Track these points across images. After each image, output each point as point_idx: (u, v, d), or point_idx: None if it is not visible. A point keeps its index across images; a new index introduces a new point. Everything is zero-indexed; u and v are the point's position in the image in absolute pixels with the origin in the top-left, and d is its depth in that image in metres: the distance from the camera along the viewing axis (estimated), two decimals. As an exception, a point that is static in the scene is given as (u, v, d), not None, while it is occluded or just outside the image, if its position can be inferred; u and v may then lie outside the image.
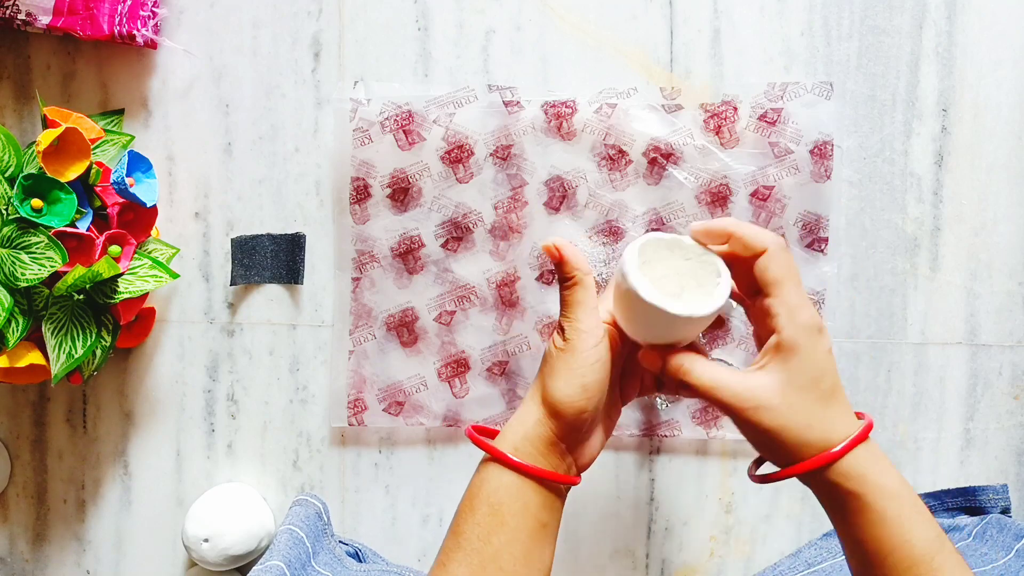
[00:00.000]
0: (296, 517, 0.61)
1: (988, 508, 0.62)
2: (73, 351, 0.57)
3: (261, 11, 0.65)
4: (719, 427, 0.64)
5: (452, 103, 0.63)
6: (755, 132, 0.63)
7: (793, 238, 0.63)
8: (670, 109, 0.63)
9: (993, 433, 0.65)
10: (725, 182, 0.63)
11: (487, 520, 0.45)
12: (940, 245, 0.64)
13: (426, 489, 0.66)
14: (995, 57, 0.63)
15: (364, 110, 0.63)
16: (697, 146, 0.63)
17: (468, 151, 0.63)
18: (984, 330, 0.65)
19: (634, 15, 0.64)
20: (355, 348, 0.65)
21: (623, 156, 0.63)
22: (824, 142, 0.63)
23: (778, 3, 0.63)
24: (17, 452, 0.68)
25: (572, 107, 0.63)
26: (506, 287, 0.64)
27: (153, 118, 0.65)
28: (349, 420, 0.65)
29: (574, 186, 0.63)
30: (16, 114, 0.66)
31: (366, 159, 0.63)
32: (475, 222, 0.64)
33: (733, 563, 0.66)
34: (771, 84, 0.63)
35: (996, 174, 0.64)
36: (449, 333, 0.65)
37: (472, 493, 0.47)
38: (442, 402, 0.65)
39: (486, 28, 0.64)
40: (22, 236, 0.55)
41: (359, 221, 0.64)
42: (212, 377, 0.67)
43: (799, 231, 0.63)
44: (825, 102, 0.63)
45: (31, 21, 0.61)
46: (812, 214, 0.63)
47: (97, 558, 0.68)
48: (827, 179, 0.63)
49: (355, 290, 0.65)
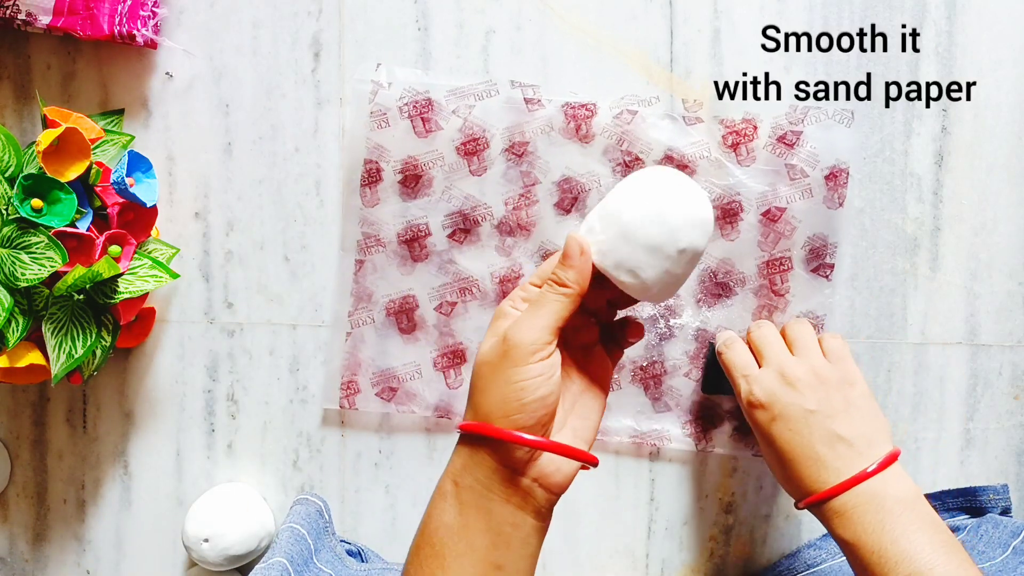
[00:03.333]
0: (297, 515, 0.61)
1: (988, 508, 0.62)
2: (73, 351, 0.57)
3: (261, 11, 0.65)
4: (708, 440, 0.64)
5: (473, 95, 0.63)
6: (772, 152, 0.62)
7: (799, 260, 0.63)
8: (689, 121, 0.63)
9: (993, 433, 0.65)
10: (737, 199, 0.63)
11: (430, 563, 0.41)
12: (940, 245, 0.64)
13: (426, 489, 0.66)
14: (995, 57, 0.63)
15: (384, 94, 0.63)
16: (712, 160, 0.63)
17: (483, 144, 0.63)
18: (984, 330, 0.65)
19: (634, 15, 0.64)
20: (352, 330, 0.65)
21: (638, 163, 0.63)
22: (840, 169, 0.62)
23: (778, 3, 0.63)
24: (17, 452, 0.68)
25: (592, 110, 0.63)
26: (509, 283, 0.64)
27: (153, 118, 0.65)
28: (341, 402, 0.65)
29: (586, 189, 0.63)
30: (16, 114, 0.66)
31: (380, 142, 0.63)
32: (484, 216, 0.64)
33: (733, 563, 0.66)
34: (792, 106, 0.63)
35: (996, 174, 0.64)
36: (448, 324, 0.65)
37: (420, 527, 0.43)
38: (435, 392, 0.65)
39: (486, 28, 0.64)
40: (22, 236, 0.55)
41: (368, 204, 0.64)
42: (212, 377, 0.67)
43: (806, 254, 0.63)
44: (844, 128, 0.63)
45: (31, 21, 0.61)
46: (820, 239, 0.63)
47: (97, 558, 0.68)
48: (839, 206, 0.63)
49: (357, 272, 0.65)
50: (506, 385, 0.40)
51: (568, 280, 0.42)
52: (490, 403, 0.41)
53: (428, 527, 0.42)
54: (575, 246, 0.43)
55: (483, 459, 0.41)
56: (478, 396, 0.42)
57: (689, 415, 0.64)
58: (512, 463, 0.41)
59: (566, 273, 0.43)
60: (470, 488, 0.41)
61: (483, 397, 0.41)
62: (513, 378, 0.40)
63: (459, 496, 0.41)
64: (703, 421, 0.64)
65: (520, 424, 0.40)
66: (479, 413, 0.42)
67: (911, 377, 0.65)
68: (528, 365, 0.40)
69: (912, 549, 0.46)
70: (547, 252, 0.64)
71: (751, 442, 0.65)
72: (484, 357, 0.42)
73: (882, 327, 0.65)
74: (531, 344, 0.40)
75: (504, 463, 0.41)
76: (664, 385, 0.64)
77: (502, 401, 0.40)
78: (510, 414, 0.40)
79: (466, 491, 0.41)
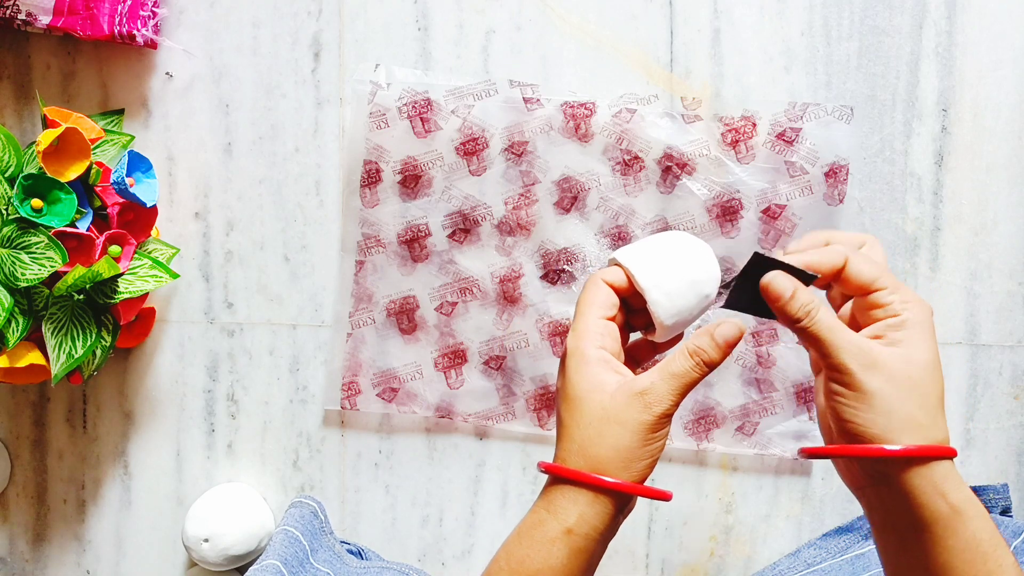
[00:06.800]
0: (291, 518, 0.61)
1: (989, 508, 0.62)
2: (73, 351, 0.56)
3: (261, 11, 0.65)
4: (710, 440, 0.64)
5: (472, 95, 0.63)
6: (771, 150, 0.62)
7: None
8: (688, 119, 0.63)
9: (993, 433, 0.65)
10: (737, 196, 0.63)
11: None
12: (940, 245, 0.64)
13: (426, 489, 0.66)
14: (995, 57, 0.63)
15: (383, 94, 0.63)
16: (712, 158, 0.63)
17: (483, 144, 0.63)
18: (984, 330, 0.65)
19: (634, 15, 0.64)
20: (353, 331, 0.65)
21: (637, 162, 0.63)
22: (840, 165, 0.62)
23: (778, 3, 0.63)
24: (17, 452, 0.68)
25: (591, 109, 0.63)
26: (509, 283, 0.64)
27: (153, 118, 0.65)
28: (342, 403, 0.65)
29: (586, 188, 0.63)
30: (16, 114, 0.66)
31: (380, 143, 0.64)
32: (483, 216, 0.64)
33: (733, 563, 0.66)
34: (791, 104, 0.63)
35: (996, 174, 0.64)
36: (449, 324, 0.65)
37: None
38: (436, 392, 0.65)
39: (486, 28, 0.64)
40: (22, 236, 0.55)
41: (368, 205, 0.64)
42: (212, 377, 0.67)
43: None
44: (844, 125, 0.63)
45: (31, 21, 0.61)
46: None
47: (97, 558, 0.68)
48: (839, 203, 0.63)
49: (358, 272, 0.65)
50: (643, 445, 0.42)
51: (714, 362, 0.43)
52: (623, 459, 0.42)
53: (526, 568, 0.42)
54: (735, 332, 0.43)
55: (605, 510, 0.42)
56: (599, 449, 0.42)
57: (690, 415, 0.64)
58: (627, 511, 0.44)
59: (715, 355, 0.43)
60: (586, 536, 0.42)
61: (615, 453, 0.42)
62: (651, 440, 0.42)
63: (571, 543, 0.42)
64: (703, 421, 0.64)
65: (644, 475, 0.43)
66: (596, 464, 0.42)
67: (911, 377, 0.65)
68: (664, 429, 0.43)
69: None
70: (547, 251, 0.64)
71: (751, 442, 0.65)
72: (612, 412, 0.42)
73: (882, 327, 0.65)
74: (668, 409, 0.42)
75: (621, 511, 0.43)
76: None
77: (635, 458, 0.42)
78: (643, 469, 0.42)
79: (581, 539, 0.42)
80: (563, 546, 0.42)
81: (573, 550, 0.42)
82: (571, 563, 0.42)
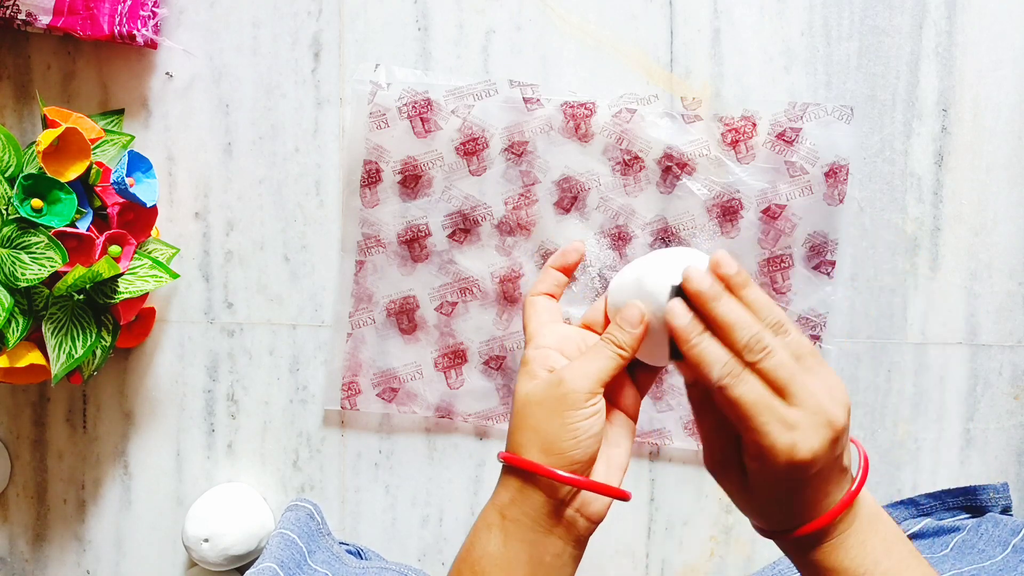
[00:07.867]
0: (287, 521, 0.61)
1: (989, 507, 0.62)
2: (73, 351, 0.56)
3: (261, 11, 0.65)
4: None
5: (472, 95, 0.63)
6: (771, 150, 0.62)
7: (800, 257, 0.63)
8: (688, 119, 0.63)
9: (993, 433, 0.65)
10: (737, 196, 0.63)
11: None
12: (940, 245, 0.64)
13: (426, 489, 0.66)
14: (995, 57, 0.63)
15: (383, 94, 0.63)
16: (712, 158, 0.63)
17: (483, 144, 0.63)
18: (984, 330, 0.65)
19: (634, 15, 0.64)
20: (353, 331, 0.65)
21: (637, 162, 0.63)
22: (840, 165, 0.62)
23: (778, 3, 0.63)
24: (17, 452, 0.68)
25: (591, 109, 0.63)
26: (509, 283, 0.64)
27: (153, 118, 0.65)
28: (342, 403, 0.65)
29: (586, 188, 0.63)
30: (16, 114, 0.66)
31: (380, 143, 0.64)
32: (483, 216, 0.64)
33: (733, 563, 0.66)
34: (791, 104, 0.63)
35: (996, 174, 0.64)
36: (449, 324, 0.65)
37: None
38: (436, 392, 0.65)
39: (486, 28, 0.64)
40: (22, 236, 0.55)
41: (368, 205, 0.64)
42: (212, 377, 0.67)
43: (806, 251, 0.63)
44: (844, 125, 0.63)
45: (31, 21, 0.61)
46: (821, 235, 0.63)
47: (97, 558, 0.68)
48: (840, 203, 0.63)
49: (358, 272, 0.65)
50: (562, 427, 0.43)
51: (624, 344, 0.44)
52: (543, 441, 0.43)
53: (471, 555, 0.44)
54: (636, 314, 0.44)
55: (533, 494, 0.43)
56: (528, 433, 0.44)
57: (689, 415, 0.64)
58: (560, 496, 0.43)
59: (623, 336, 0.44)
60: (517, 521, 0.43)
61: (535, 435, 0.43)
62: (569, 420, 0.43)
63: (505, 528, 0.43)
64: None
65: (574, 460, 0.43)
66: (529, 450, 0.43)
67: (911, 377, 0.65)
68: (583, 408, 0.43)
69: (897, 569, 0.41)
70: (547, 251, 0.64)
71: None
72: (534, 396, 0.44)
73: (882, 327, 0.65)
74: (587, 392, 0.43)
75: (553, 497, 0.43)
76: (665, 384, 0.64)
77: (556, 440, 0.43)
78: (565, 452, 0.43)
79: (512, 523, 0.43)
80: (499, 531, 0.43)
81: (509, 536, 0.43)
82: (509, 550, 0.43)
